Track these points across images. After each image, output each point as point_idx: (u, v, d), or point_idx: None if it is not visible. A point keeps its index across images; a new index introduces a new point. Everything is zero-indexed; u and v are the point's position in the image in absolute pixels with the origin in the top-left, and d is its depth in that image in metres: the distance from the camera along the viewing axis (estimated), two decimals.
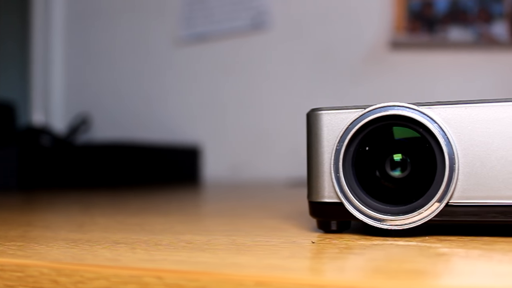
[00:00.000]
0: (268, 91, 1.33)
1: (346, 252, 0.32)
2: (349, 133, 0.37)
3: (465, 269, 0.27)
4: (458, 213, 0.35)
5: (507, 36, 1.20)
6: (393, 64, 1.24)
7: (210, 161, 1.35)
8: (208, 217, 0.51)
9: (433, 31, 1.23)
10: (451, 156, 0.35)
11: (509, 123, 0.34)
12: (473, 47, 1.21)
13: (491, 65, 1.20)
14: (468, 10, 1.23)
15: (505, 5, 1.21)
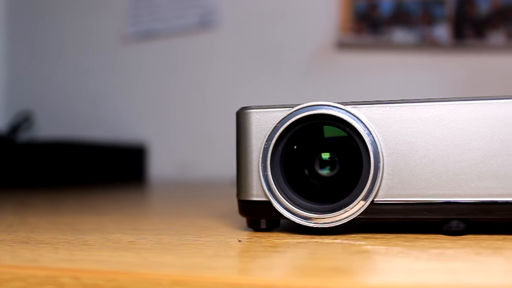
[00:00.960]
0: (215, 90, 1.33)
1: (270, 251, 0.32)
2: (277, 131, 0.37)
3: (381, 266, 0.27)
4: (383, 211, 0.36)
5: (449, 39, 1.23)
6: (339, 64, 1.25)
7: (157, 160, 1.34)
8: (143, 216, 0.50)
9: (378, 33, 1.25)
10: (376, 155, 0.35)
11: (432, 123, 0.35)
12: (416, 48, 1.24)
13: (433, 67, 1.23)
14: (411, 13, 1.25)
15: (447, 9, 1.24)
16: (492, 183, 0.34)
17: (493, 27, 1.22)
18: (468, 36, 1.23)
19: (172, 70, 1.37)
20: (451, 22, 1.24)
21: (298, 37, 1.29)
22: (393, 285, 0.23)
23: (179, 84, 1.36)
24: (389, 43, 1.25)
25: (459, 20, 1.24)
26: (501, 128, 0.34)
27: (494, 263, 0.27)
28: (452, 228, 0.35)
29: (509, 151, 0.34)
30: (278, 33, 1.30)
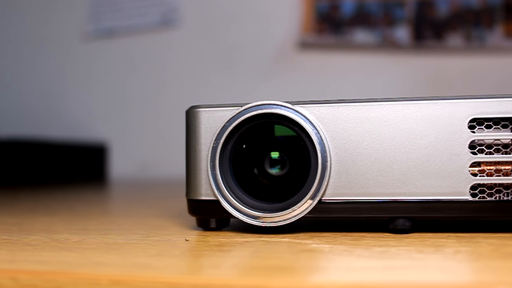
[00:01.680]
0: (176, 88, 1.32)
1: (215, 250, 0.32)
2: (225, 130, 0.37)
3: (322, 265, 0.28)
4: (330, 210, 0.36)
5: (409, 40, 1.24)
6: (301, 64, 1.26)
7: (117, 160, 1.33)
8: (94, 216, 0.50)
9: (339, 33, 1.26)
10: (324, 154, 0.35)
11: (379, 122, 0.36)
12: (377, 49, 1.25)
13: (394, 67, 1.24)
14: (372, 14, 1.26)
15: (407, 10, 1.25)
16: (437, 182, 0.35)
17: (451, 29, 1.24)
18: (427, 37, 1.25)
19: (133, 68, 1.36)
20: (411, 24, 1.25)
21: (260, 37, 1.29)
22: (331, 283, 0.23)
23: (140, 83, 1.35)
24: (351, 44, 1.26)
25: (419, 21, 1.25)
26: (446, 127, 0.35)
27: (433, 260, 0.27)
28: (398, 226, 0.36)
29: (453, 150, 0.35)
30: (240, 33, 1.29)
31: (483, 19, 1.24)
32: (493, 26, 1.23)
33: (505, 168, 0.35)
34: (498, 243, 0.32)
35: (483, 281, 0.23)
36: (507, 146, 0.35)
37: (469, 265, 0.27)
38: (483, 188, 0.35)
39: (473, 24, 1.24)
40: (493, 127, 0.35)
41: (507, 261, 0.27)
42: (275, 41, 1.28)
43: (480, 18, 1.24)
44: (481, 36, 1.23)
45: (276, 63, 1.27)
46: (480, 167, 0.35)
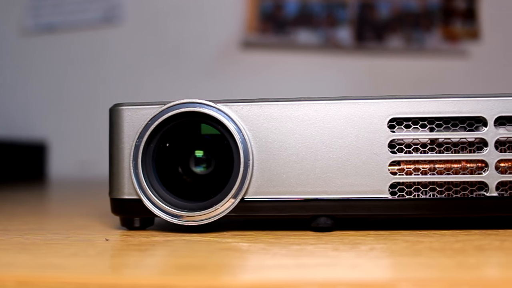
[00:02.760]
0: (118, 86, 1.30)
1: (132, 249, 0.31)
2: (148, 129, 0.36)
3: (235, 263, 0.27)
4: (253, 208, 0.36)
5: (351, 41, 1.26)
6: (244, 63, 1.26)
7: (57, 159, 1.30)
8: (19, 217, 0.49)
9: (283, 33, 1.27)
10: (246, 153, 0.36)
11: (301, 121, 0.36)
12: (319, 49, 1.26)
13: (336, 67, 1.26)
14: (316, 15, 1.28)
15: (350, 12, 1.27)
16: (357, 181, 0.35)
17: (392, 31, 1.27)
18: (369, 38, 1.27)
19: (74, 65, 1.33)
20: (353, 25, 1.27)
21: (203, 35, 1.28)
22: (239, 282, 0.23)
23: (81, 80, 1.32)
24: (294, 44, 1.27)
25: (361, 23, 1.27)
26: (366, 127, 0.35)
27: (346, 258, 0.28)
28: (320, 224, 0.36)
29: (373, 149, 0.35)
30: (183, 31, 1.29)
31: (422, 22, 1.27)
32: (432, 29, 1.26)
33: (423, 167, 0.36)
34: (414, 240, 0.33)
35: (387, 278, 0.23)
36: (425, 145, 0.36)
37: (379, 262, 0.27)
38: (402, 187, 0.36)
39: (412, 26, 1.27)
40: (412, 126, 0.36)
41: (416, 258, 0.28)
42: (219, 40, 1.28)
43: (420, 21, 1.27)
44: (420, 38, 1.26)
45: (219, 62, 1.27)
46: (400, 166, 0.36)
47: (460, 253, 0.28)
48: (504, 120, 0.36)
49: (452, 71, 1.24)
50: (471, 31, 1.26)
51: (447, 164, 0.36)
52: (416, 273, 0.24)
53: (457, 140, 0.36)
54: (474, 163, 0.36)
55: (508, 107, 0.36)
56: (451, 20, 1.27)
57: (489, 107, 0.35)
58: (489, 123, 0.35)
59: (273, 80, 1.25)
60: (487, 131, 0.35)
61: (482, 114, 0.35)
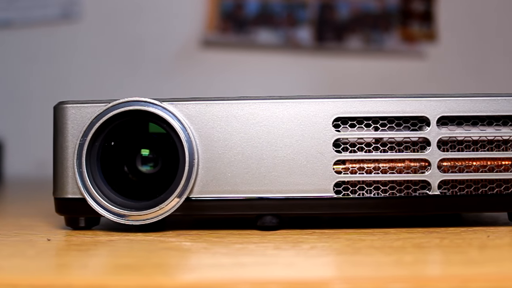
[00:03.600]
0: (75, 84, 1.28)
1: (72, 250, 0.31)
2: (92, 127, 0.36)
3: (172, 262, 0.27)
4: (198, 208, 0.36)
5: (311, 41, 1.26)
6: (204, 62, 1.25)
7: (13, 157, 1.27)
8: None
9: (243, 32, 1.27)
10: (191, 152, 0.35)
11: (246, 120, 0.36)
12: (280, 49, 1.27)
13: (296, 67, 1.26)
14: (276, 14, 1.28)
15: (310, 12, 1.28)
16: (303, 179, 0.36)
17: (351, 32, 1.28)
18: (328, 39, 1.28)
19: (30, 62, 1.30)
20: (313, 25, 1.28)
21: (163, 34, 1.27)
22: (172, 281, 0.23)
23: (38, 77, 1.30)
24: (254, 43, 1.26)
25: (321, 23, 1.28)
26: (311, 126, 0.36)
27: (284, 256, 0.28)
28: (265, 223, 0.36)
29: (318, 148, 0.36)
30: (143, 28, 1.27)
31: (381, 23, 1.28)
32: (390, 30, 1.28)
33: (368, 166, 0.36)
34: (356, 238, 0.33)
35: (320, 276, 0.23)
36: (369, 144, 0.36)
37: (317, 260, 0.27)
38: (347, 185, 0.36)
39: (371, 27, 1.28)
40: (357, 126, 0.36)
41: (354, 256, 0.28)
42: (178, 39, 1.27)
43: (378, 22, 1.28)
44: (379, 39, 1.27)
45: (178, 61, 1.26)
46: (344, 165, 0.36)
47: (399, 251, 0.29)
48: (447, 120, 0.36)
49: (409, 72, 1.26)
50: (428, 33, 1.28)
51: (391, 163, 0.36)
52: (351, 271, 0.25)
53: (401, 140, 0.36)
54: (418, 162, 0.36)
55: (450, 107, 0.36)
56: (409, 21, 1.29)
57: (432, 107, 0.36)
58: (432, 123, 0.36)
59: (233, 79, 1.25)
60: (430, 131, 0.36)
61: (425, 114, 0.36)
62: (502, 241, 0.32)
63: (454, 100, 0.36)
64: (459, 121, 0.37)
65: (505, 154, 0.37)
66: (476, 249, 0.29)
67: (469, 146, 0.37)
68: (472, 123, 0.37)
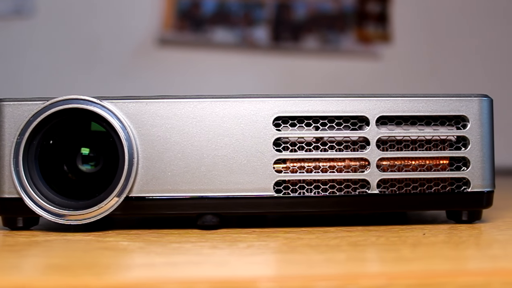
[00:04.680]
0: (29, 82, 1.26)
1: (5, 250, 0.30)
2: (30, 125, 0.35)
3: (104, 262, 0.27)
4: (138, 207, 0.36)
5: (267, 40, 1.27)
6: (160, 60, 1.25)
7: None
8: None
9: (200, 31, 1.26)
10: (131, 151, 0.35)
11: (187, 119, 0.36)
12: (236, 48, 1.27)
13: (253, 66, 1.26)
14: (233, 14, 1.28)
15: (267, 12, 1.28)
16: (243, 178, 0.36)
17: (308, 32, 1.29)
18: (285, 39, 1.28)
19: None
20: (270, 25, 1.28)
21: (119, 31, 1.26)
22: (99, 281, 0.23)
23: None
24: (210, 42, 1.26)
25: (278, 23, 1.28)
26: (252, 125, 0.36)
27: (218, 255, 0.28)
28: (206, 222, 0.36)
29: (258, 147, 0.36)
30: (98, 26, 1.26)
31: (337, 24, 1.29)
32: (346, 31, 1.29)
33: (308, 165, 0.36)
34: (295, 237, 0.33)
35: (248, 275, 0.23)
36: (310, 144, 0.36)
37: (250, 259, 0.27)
38: (287, 184, 0.36)
39: (328, 28, 1.29)
40: (297, 125, 0.36)
41: (288, 255, 0.28)
42: (134, 37, 1.26)
43: (334, 23, 1.30)
44: (335, 39, 1.28)
45: (134, 59, 1.25)
46: (285, 164, 0.36)
47: (333, 249, 0.29)
48: (386, 120, 0.37)
49: (364, 72, 1.27)
50: (383, 34, 1.30)
51: (331, 162, 0.37)
52: (280, 270, 0.25)
53: (341, 139, 0.37)
54: (357, 161, 0.37)
55: (389, 107, 0.37)
56: (365, 23, 1.30)
57: (371, 107, 0.36)
58: (371, 122, 0.36)
59: (189, 78, 1.24)
60: (369, 130, 0.36)
61: (365, 114, 0.36)
62: (436, 239, 0.32)
63: (393, 100, 0.37)
64: (398, 121, 0.37)
65: (443, 154, 0.37)
66: (409, 247, 0.30)
67: (408, 145, 0.37)
68: (411, 123, 0.37)
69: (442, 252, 0.28)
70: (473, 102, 0.37)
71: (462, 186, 0.37)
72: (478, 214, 0.39)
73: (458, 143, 0.38)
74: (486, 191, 0.38)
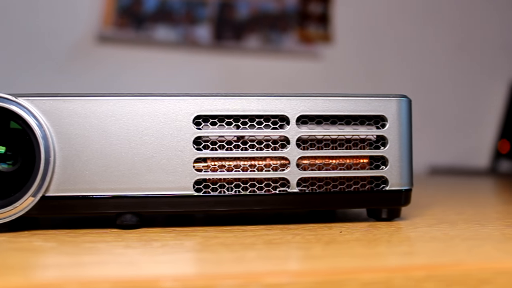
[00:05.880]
0: None
1: None
2: None
3: (10, 263, 0.26)
4: (55, 206, 0.35)
5: (209, 39, 1.26)
6: (100, 58, 1.23)
7: None
8: None
9: (141, 28, 1.25)
10: (47, 149, 0.34)
11: (105, 117, 0.35)
12: (178, 46, 1.26)
13: (195, 65, 1.26)
14: (175, 11, 1.27)
15: (209, 10, 1.28)
16: (162, 177, 0.35)
17: (250, 31, 1.29)
18: (227, 38, 1.28)
19: None
20: (213, 24, 1.28)
21: (57, 28, 1.23)
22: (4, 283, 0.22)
23: None
24: (152, 40, 1.25)
25: (220, 22, 1.28)
26: (172, 124, 0.36)
27: (128, 255, 0.28)
28: (125, 222, 0.36)
29: (178, 146, 0.35)
30: (35, 22, 1.23)
31: (279, 24, 1.30)
32: (288, 31, 1.30)
33: (229, 164, 0.37)
34: (212, 236, 0.33)
35: (151, 274, 0.23)
36: (230, 142, 0.37)
37: (159, 258, 0.27)
38: (207, 183, 0.36)
39: (270, 28, 1.30)
40: (218, 124, 0.36)
41: (199, 254, 0.28)
42: (74, 33, 1.23)
43: (277, 23, 1.30)
44: (277, 39, 1.29)
45: (73, 56, 1.23)
46: (206, 163, 0.36)
47: (246, 248, 0.29)
48: (307, 119, 0.37)
49: (306, 73, 1.29)
50: (324, 35, 1.31)
51: (252, 161, 0.37)
52: (186, 269, 0.25)
53: (262, 138, 0.37)
54: (278, 160, 0.37)
55: (309, 106, 0.37)
56: (306, 23, 1.32)
57: (292, 106, 0.37)
58: (292, 121, 0.37)
59: (129, 76, 1.23)
60: (289, 129, 0.37)
61: (285, 113, 0.37)
62: (351, 237, 0.33)
63: (313, 100, 0.37)
64: (319, 120, 0.38)
65: (362, 153, 0.38)
66: (322, 245, 0.30)
67: (328, 144, 0.38)
68: (331, 122, 0.38)
69: (352, 250, 0.29)
70: (392, 102, 0.38)
71: (381, 185, 0.38)
72: (397, 212, 0.40)
73: (377, 142, 0.38)
74: (404, 189, 0.38)
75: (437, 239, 0.32)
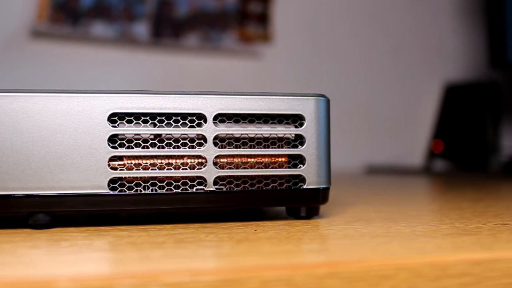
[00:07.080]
0: None
1: None
2: None
3: None
4: None
5: (148, 37, 1.25)
6: (33, 53, 1.20)
7: None
8: None
9: (77, 24, 1.22)
10: None
11: (17, 114, 0.34)
12: (115, 43, 1.24)
13: (132, 63, 1.24)
14: (112, 8, 1.25)
15: (148, 7, 1.26)
16: (76, 176, 0.35)
17: (189, 29, 1.28)
18: (166, 35, 1.27)
19: None
20: (151, 21, 1.26)
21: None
22: None
23: None
24: (88, 36, 1.23)
25: (159, 19, 1.27)
26: (86, 121, 0.35)
27: (32, 255, 0.27)
28: (37, 221, 0.35)
29: (92, 144, 0.35)
30: None
31: (219, 22, 1.30)
32: (227, 30, 1.30)
33: (145, 162, 0.36)
34: (125, 235, 0.33)
35: (47, 274, 0.23)
36: (147, 141, 0.36)
37: (62, 258, 0.27)
38: (123, 182, 0.36)
39: (209, 26, 1.29)
40: (134, 122, 0.36)
41: (107, 253, 0.28)
42: (6, 28, 1.20)
43: (216, 22, 1.30)
44: (217, 38, 1.29)
45: (5, 52, 1.19)
46: (121, 161, 0.36)
47: (154, 247, 0.29)
48: (225, 118, 0.37)
49: (245, 71, 1.29)
50: (264, 34, 1.32)
51: (169, 159, 0.37)
52: (85, 268, 0.24)
53: (179, 136, 0.37)
54: (195, 158, 0.37)
55: (227, 105, 0.37)
56: (246, 22, 1.32)
57: (209, 104, 0.37)
58: (209, 119, 0.37)
59: (64, 72, 1.20)
60: (206, 128, 0.37)
61: (202, 111, 0.37)
62: (264, 235, 0.33)
63: (231, 98, 0.37)
64: (236, 119, 0.38)
65: (280, 151, 0.38)
66: (232, 243, 0.30)
67: (246, 143, 0.38)
68: (249, 121, 0.38)
69: (261, 248, 0.29)
70: (310, 101, 0.39)
71: (299, 183, 0.39)
72: (315, 210, 0.40)
73: (295, 141, 0.39)
74: (321, 187, 0.39)
75: (348, 237, 0.33)
